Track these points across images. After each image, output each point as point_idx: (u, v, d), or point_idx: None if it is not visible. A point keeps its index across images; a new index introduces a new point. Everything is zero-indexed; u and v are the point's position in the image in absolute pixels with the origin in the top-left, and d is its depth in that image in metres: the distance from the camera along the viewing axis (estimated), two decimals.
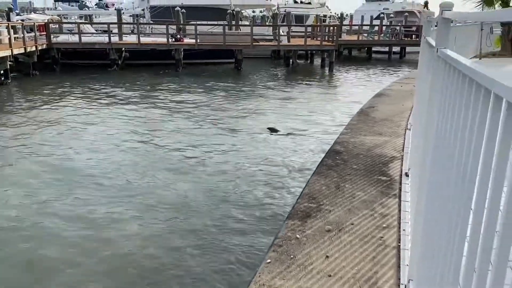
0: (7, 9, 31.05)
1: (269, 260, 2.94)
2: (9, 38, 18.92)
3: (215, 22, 27.46)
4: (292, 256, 2.98)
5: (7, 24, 20.62)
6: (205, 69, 24.18)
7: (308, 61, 30.46)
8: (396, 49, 33.49)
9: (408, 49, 33.16)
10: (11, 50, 18.76)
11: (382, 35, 33.14)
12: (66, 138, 10.74)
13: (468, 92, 1.41)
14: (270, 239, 4.50)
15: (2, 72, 18.79)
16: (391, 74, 23.95)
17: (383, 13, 41.18)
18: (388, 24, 36.83)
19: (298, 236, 3.26)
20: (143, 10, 30.10)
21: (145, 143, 10.37)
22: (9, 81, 18.74)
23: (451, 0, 2.26)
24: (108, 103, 15.22)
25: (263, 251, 4.51)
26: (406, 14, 35.88)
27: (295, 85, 20.21)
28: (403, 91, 10.39)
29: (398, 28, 33.38)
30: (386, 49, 33.41)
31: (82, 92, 17.29)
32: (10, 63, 18.94)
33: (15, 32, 20.42)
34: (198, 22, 25.45)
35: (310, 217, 3.57)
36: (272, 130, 11.52)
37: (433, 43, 2.80)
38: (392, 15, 38.79)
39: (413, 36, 32.46)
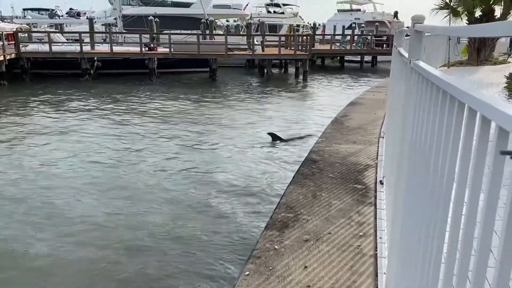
0: None
1: (247, 273, 2.92)
2: None
3: (189, 32, 27.41)
4: (270, 268, 2.97)
5: None
6: (180, 78, 24.05)
7: (283, 70, 30.71)
8: (367, 58, 34.19)
9: (379, 58, 33.92)
10: None
11: (354, 44, 33.78)
12: (30, 152, 10.43)
13: (442, 104, 1.44)
14: None
15: None
16: (364, 83, 24.38)
17: (354, 23, 42.12)
18: (360, 33, 37.62)
19: (276, 247, 3.25)
20: (115, 19, 29.77)
21: (116, 156, 10.16)
22: None
23: (422, 13, 2.32)
24: (79, 115, 14.88)
25: None
26: (377, 24, 36.74)
27: (270, 94, 20.32)
28: (376, 100, 10.60)
29: (369, 37, 34.11)
30: (358, 58, 34.08)
31: (52, 103, 16.88)
32: None
33: None
34: (172, 31, 25.33)
35: (288, 227, 3.57)
36: (274, 137, 11.28)
37: (406, 54, 2.86)
38: (363, 25, 39.69)
39: (384, 45, 33.23)
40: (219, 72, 24.66)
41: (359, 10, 48.74)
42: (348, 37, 34.78)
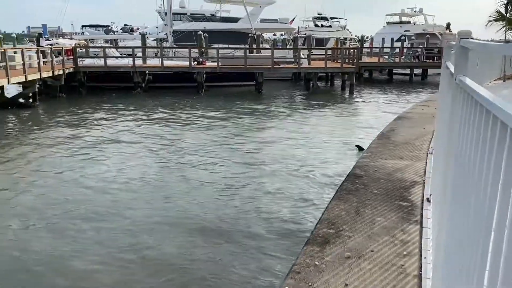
0: (37, 34, 32.32)
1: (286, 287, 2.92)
2: (38, 62, 19.62)
3: (237, 46, 27.92)
4: (310, 284, 2.95)
5: (36, 49, 21.43)
6: (227, 91, 24.46)
7: (329, 83, 30.51)
8: (417, 71, 33.33)
9: (430, 71, 32.97)
10: (40, 73, 19.42)
11: (403, 57, 33.06)
12: (88, 160, 10.96)
13: (485, 123, 1.40)
14: None
15: (30, 95, 19.45)
16: (413, 97, 23.75)
17: (404, 35, 41.23)
18: (409, 46, 36.78)
19: (317, 262, 3.22)
20: (166, 34, 30.81)
21: (170, 167, 10.47)
22: (37, 103, 19.35)
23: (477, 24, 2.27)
24: (132, 126, 15.49)
25: None
26: (428, 36, 35.80)
27: (315, 108, 20.23)
28: (425, 114, 10.30)
29: (419, 50, 33.27)
30: (408, 71, 33.30)
31: (107, 115, 17.68)
32: (38, 86, 19.59)
33: (44, 57, 21.17)
34: (220, 46, 25.90)
35: (329, 243, 3.54)
36: (360, 148, 11.51)
37: (452, 69, 2.79)
38: (413, 37, 38.76)
39: (435, 58, 32.29)
40: (265, 85, 24.87)
41: (409, 22, 47.76)
42: (397, 50, 34.10)
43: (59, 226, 7.03)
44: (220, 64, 24.01)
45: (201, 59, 25.46)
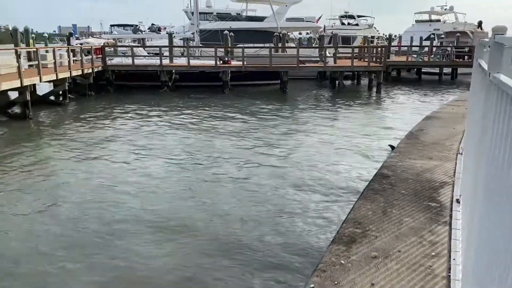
0: (68, 34, 33.17)
1: (312, 285, 2.90)
2: (69, 61, 20.12)
3: (262, 45, 27.91)
4: (336, 283, 2.93)
5: (67, 48, 21.98)
6: (251, 90, 24.50)
7: (355, 82, 30.16)
8: (447, 70, 32.55)
9: (460, 70, 32.15)
10: (70, 72, 19.92)
11: (432, 56, 32.35)
12: (114, 158, 11.18)
13: None
14: None
15: (61, 92, 19.99)
16: (442, 96, 23.24)
17: (433, 33, 40.35)
18: (439, 45, 35.95)
19: (342, 261, 3.20)
20: (193, 33, 31.09)
21: (196, 165, 10.58)
22: (67, 101, 19.86)
23: (505, 24, 2.20)
24: (159, 124, 15.72)
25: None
26: (458, 34, 34.92)
27: (342, 107, 20.03)
28: (455, 114, 10.07)
29: (449, 49, 32.51)
30: (437, 70, 32.55)
31: (134, 113, 17.97)
32: (68, 84, 20.10)
33: (74, 55, 21.69)
34: (246, 45, 25.95)
35: (355, 242, 3.51)
36: (393, 148, 11.41)
37: (485, 66, 2.72)
38: (443, 36, 37.91)
39: (465, 57, 31.47)
40: (290, 84, 24.77)
41: (439, 20, 46.68)
42: (426, 49, 33.39)
43: (74, 225, 7.11)
44: (245, 63, 24.07)
45: (226, 58, 25.57)
